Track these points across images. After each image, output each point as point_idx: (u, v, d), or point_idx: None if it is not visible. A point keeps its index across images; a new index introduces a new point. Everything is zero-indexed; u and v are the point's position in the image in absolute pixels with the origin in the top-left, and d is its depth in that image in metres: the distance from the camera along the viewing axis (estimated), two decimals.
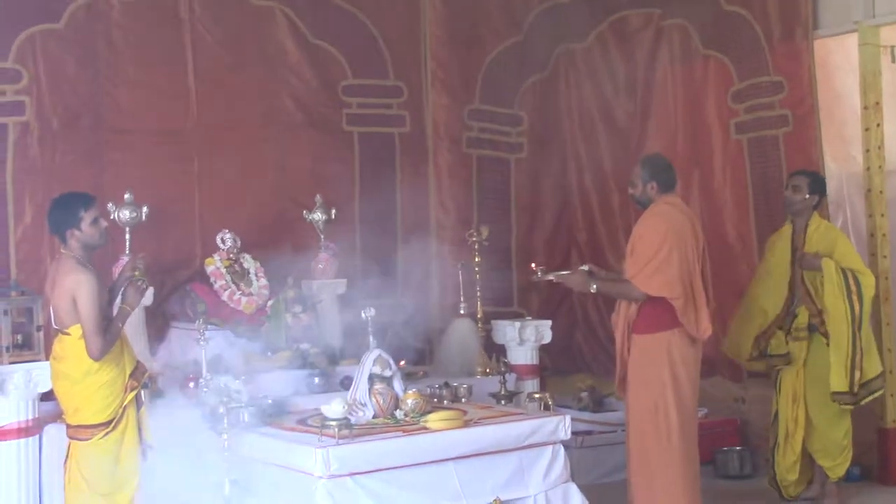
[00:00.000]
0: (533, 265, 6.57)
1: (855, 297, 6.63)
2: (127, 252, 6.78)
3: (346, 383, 6.50)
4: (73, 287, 5.14)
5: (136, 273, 5.52)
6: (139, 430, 5.38)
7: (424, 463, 5.41)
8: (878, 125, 7.56)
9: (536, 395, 6.34)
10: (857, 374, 6.64)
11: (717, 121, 8.68)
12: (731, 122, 8.53)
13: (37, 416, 5.86)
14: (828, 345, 6.70)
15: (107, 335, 5.16)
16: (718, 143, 8.68)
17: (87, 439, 5.20)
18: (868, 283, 6.71)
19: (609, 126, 9.50)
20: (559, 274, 6.43)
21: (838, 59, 7.98)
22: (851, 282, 6.64)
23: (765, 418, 7.88)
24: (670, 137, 9.00)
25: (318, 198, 7.67)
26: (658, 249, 5.93)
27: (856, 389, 6.64)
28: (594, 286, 6.16)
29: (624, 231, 9.06)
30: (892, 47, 7.63)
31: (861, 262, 6.91)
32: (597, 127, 9.53)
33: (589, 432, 7.74)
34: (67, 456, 5.28)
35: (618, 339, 6.15)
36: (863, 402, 6.75)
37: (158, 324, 7.07)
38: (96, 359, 5.13)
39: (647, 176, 6.16)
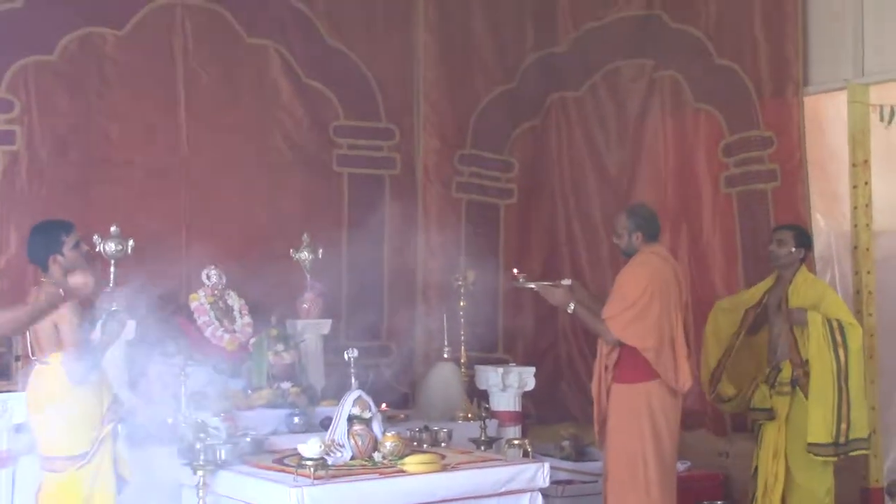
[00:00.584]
0: (515, 271, 6.56)
1: (841, 349, 6.61)
2: (111, 285, 6.74)
3: (326, 423, 6.44)
4: (56, 313, 5.10)
5: (115, 307, 5.50)
6: (115, 464, 5.31)
7: None
8: (867, 183, 7.58)
9: (516, 442, 6.31)
10: (844, 426, 6.58)
11: (707, 173, 8.70)
12: (722, 176, 8.55)
13: (12, 447, 5.79)
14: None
15: (87, 362, 5.13)
16: (708, 195, 8.69)
17: (60, 471, 5.13)
18: (855, 334, 6.68)
19: (599, 175, 9.53)
20: (541, 284, 6.43)
21: (830, 115, 8.02)
22: (837, 333, 6.62)
23: (748, 473, 7.84)
24: (660, 188, 9.02)
25: (305, 237, 7.65)
26: (638, 298, 5.94)
27: (842, 440, 6.57)
28: (572, 306, 6.15)
29: (612, 280, 9.00)
30: (882, 106, 7.68)
31: (850, 314, 6.88)
32: (587, 176, 9.55)
33: (570, 481, 7.68)
34: (40, 489, 5.22)
35: (595, 386, 6.13)
36: (843, 456, 6.67)
37: (140, 358, 7.01)
38: (76, 384, 5.10)
39: (633, 226, 6.19)
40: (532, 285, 6.42)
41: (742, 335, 6.94)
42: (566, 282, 6.30)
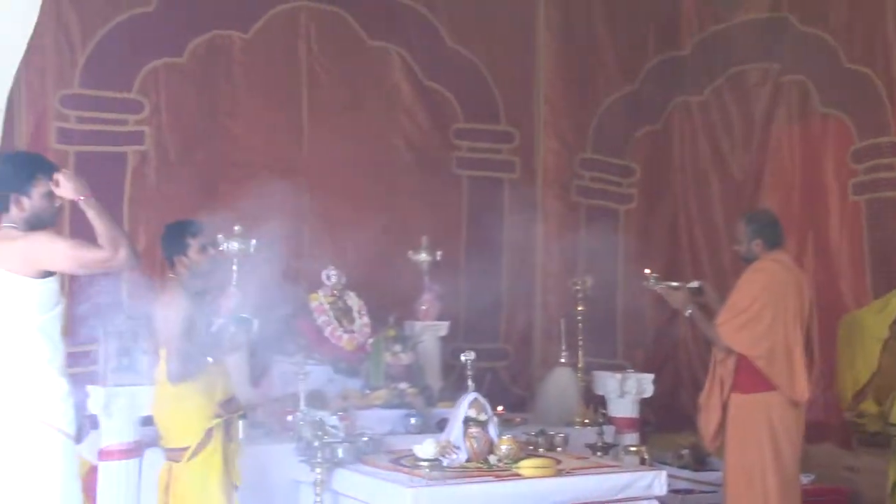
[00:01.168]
0: (647, 271, 6.47)
1: None
2: (234, 283, 6.84)
3: (442, 425, 6.46)
4: (166, 307, 5.22)
5: (244, 314, 5.56)
6: (227, 465, 5.32)
7: None
8: None
9: (633, 449, 6.24)
10: None
11: (834, 180, 8.47)
12: (850, 183, 8.31)
13: (138, 438, 5.94)
14: None
15: (189, 363, 5.15)
16: (835, 203, 8.45)
17: (177, 461, 5.25)
18: None
19: (723, 181, 9.35)
20: (668, 285, 6.34)
21: None
22: None
23: (877, 490, 7.60)
24: (786, 195, 8.81)
25: (424, 239, 7.68)
26: (749, 305, 5.84)
27: None
28: (689, 311, 6.07)
29: (734, 286, 8.88)
30: None
31: None
32: (710, 181, 9.39)
33: (690, 491, 7.55)
34: (168, 481, 5.31)
35: (705, 395, 6.01)
36: None
37: (261, 356, 7.13)
38: (172, 382, 5.16)
39: (752, 233, 6.07)
40: (660, 286, 6.33)
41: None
42: (695, 284, 6.21)
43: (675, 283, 6.38)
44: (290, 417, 6.46)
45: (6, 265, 4.32)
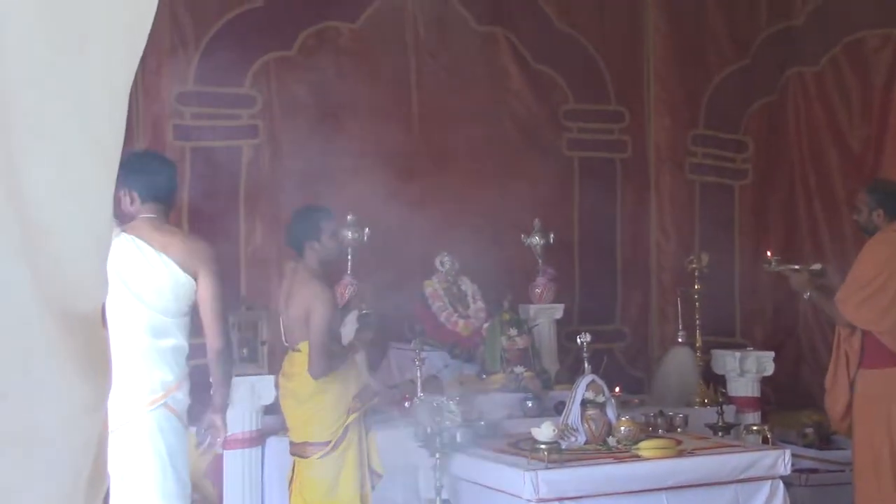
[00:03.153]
0: (769, 253, 6.35)
1: None
2: (349, 272, 6.93)
3: (559, 408, 6.45)
4: (311, 298, 5.12)
5: (366, 310, 5.54)
6: (367, 456, 5.34)
7: (635, 491, 5.32)
8: None
9: (755, 428, 6.14)
10: None
11: None
12: None
13: (260, 427, 6.06)
14: None
15: (333, 359, 5.12)
16: None
17: (306, 457, 5.22)
18: None
19: (841, 152, 9.13)
20: (788, 268, 6.21)
21: None
22: None
23: None
24: None
25: (536, 222, 7.65)
26: (874, 278, 5.67)
27: None
28: (809, 293, 5.93)
29: (854, 259, 8.67)
30: None
31: None
32: (828, 153, 9.17)
33: (814, 470, 7.39)
34: (293, 475, 5.34)
35: (830, 372, 5.88)
36: None
37: (377, 343, 7.19)
38: (315, 377, 5.09)
39: (874, 203, 5.89)
40: (781, 268, 6.22)
41: None
42: (817, 266, 6.07)
43: (795, 266, 6.25)
44: (407, 403, 6.53)
45: (175, 256, 4.50)
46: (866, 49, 8.94)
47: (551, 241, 7.67)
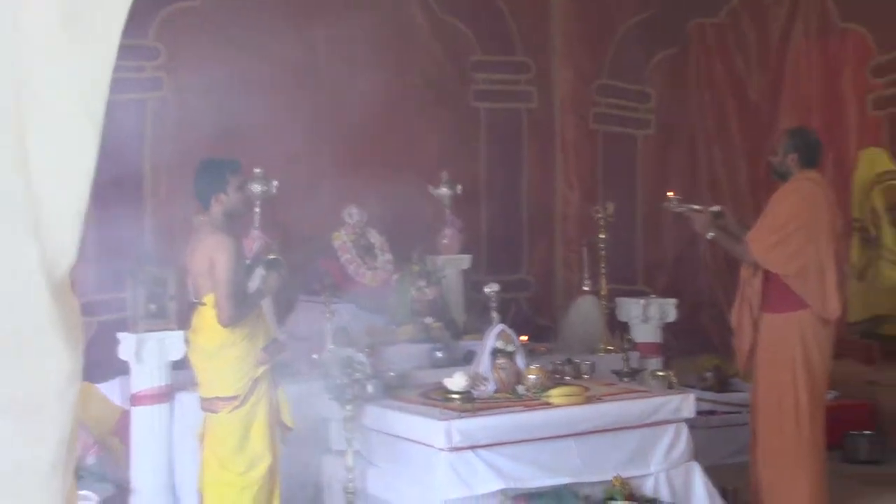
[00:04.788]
0: (670, 193, 6.47)
1: None
2: (256, 226, 6.88)
3: (468, 358, 6.54)
4: (213, 249, 5.06)
5: (273, 256, 5.44)
6: (276, 411, 5.32)
7: (546, 438, 5.42)
8: None
9: (660, 373, 6.29)
10: None
11: (853, 96, 8.47)
12: (869, 97, 8.29)
13: (169, 383, 6.01)
14: None
15: (241, 307, 5.07)
16: (854, 118, 8.46)
17: (216, 412, 5.17)
18: None
19: (740, 102, 9.34)
20: (690, 208, 6.33)
21: None
22: None
23: None
24: (804, 113, 8.80)
25: (444, 173, 7.68)
26: (784, 225, 5.81)
27: None
28: (711, 234, 6.07)
29: (752, 205, 8.88)
30: None
31: None
32: (727, 103, 9.37)
33: (713, 412, 7.63)
34: (203, 431, 5.29)
35: (735, 315, 6.04)
36: None
37: (284, 296, 7.16)
38: (225, 325, 5.03)
39: (791, 146, 6.02)
40: (681, 209, 6.33)
41: None
42: (716, 208, 6.19)
43: (696, 207, 6.37)
44: (316, 356, 6.54)
45: None
46: (764, 1, 9.11)
47: (458, 192, 7.71)
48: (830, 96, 8.65)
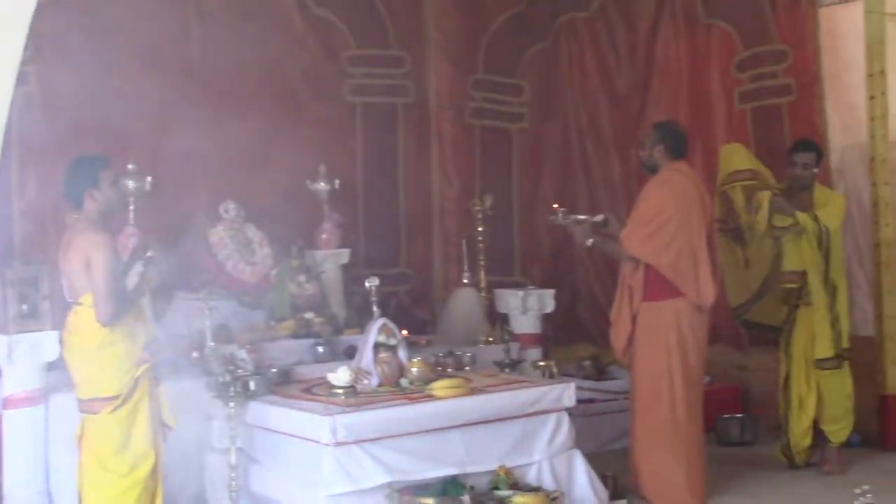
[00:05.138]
0: (556, 206, 6.56)
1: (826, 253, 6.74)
2: (131, 223, 6.75)
3: (349, 352, 6.54)
4: (88, 248, 4.96)
5: (151, 252, 5.33)
6: (158, 409, 5.23)
7: (430, 430, 5.47)
8: (883, 93, 7.54)
9: (541, 364, 6.37)
10: (839, 338, 6.79)
11: (720, 90, 8.68)
12: (735, 92, 8.53)
13: (43, 385, 5.85)
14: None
15: (119, 305, 4.97)
16: (722, 112, 8.68)
17: (96, 413, 5.06)
18: (839, 240, 6.83)
19: (610, 95, 9.51)
20: (574, 219, 6.45)
21: (845, 27, 7.94)
22: (824, 236, 6.72)
23: (765, 386, 7.93)
24: (672, 107, 9.00)
25: (321, 168, 7.63)
26: (655, 216, 5.96)
27: (840, 351, 6.79)
28: (590, 241, 6.18)
29: (625, 198, 9.07)
30: None
31: (840, 223, 6.91)
32: (598, 96, 9.53)
33: (591, 400, 7.78)
34: (82, 433, 5.16)
35: (616, 307, 6.17)
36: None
37: (162, 294, 7.03)
38: (105, 324, 4.94)
39: (657, 137, 6.19)
40: (568, 221, 6.44)
41: None
42: (599, 217, 6.31)
43: (581, 217, 6.49)
44: (196, 353, 6.45)
45: None
46: None
47: (336, 186, 7.67)
48: (698, 90, 8.86)
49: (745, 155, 7.15)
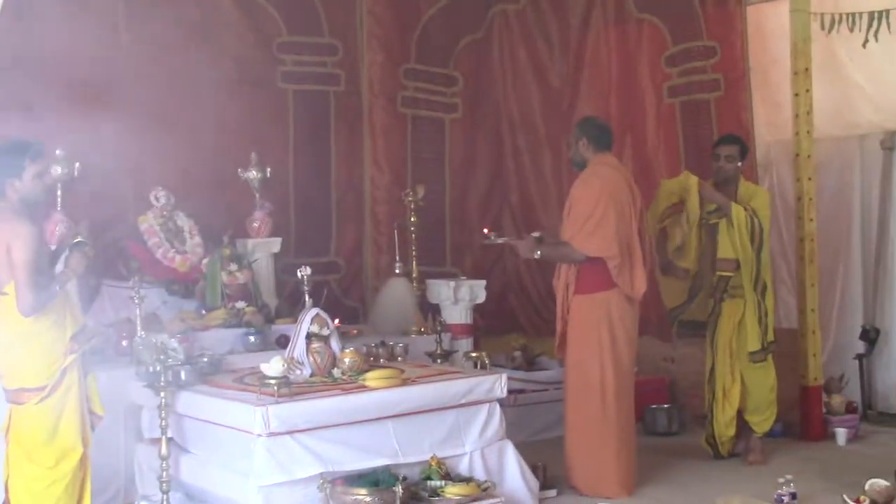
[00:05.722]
0: (486, 230, 6.64)
1: (758, 247, 6.83)
2: (59, 209, 6.64)
3: (281, 342, 6.51)
4: (10, 236, 4.83)
5: (79, 238, 5.21)
6: (87, 399, 5.14)
7: (363, 421, 5.46)
8: (808, 91, 7.68)
9: (473, 355, 6.40)
10: (765, 331, 6.89)
11: (650, 84, 8.79)
12: (665, 86, 8.64)
13: None
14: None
15: (42, 292, 4.86)
16: (651, 106, 8.78)
17: (23, 403, 4.97)
18: (766, 236, 6.91)
19: (542, 88, 9.56)
20: (508, 240, 6.53)
21: (772, 24, 8.10)
22: (757, 231, 6.82)
23: (691, 377, 8.06)
24: (603, 100, 9.09)
25: (253, 156, 7.56)
26: (594, 209, 6.01)
27: (765, 344, 6.89)
28: (538, 253, 6.22)
29: (556, 192, 9.16)
30: (823, 14, 7.77)
31: (768, 217, 7.00)
32: (530, 88, 9.58)
33: (522, 391, 7.83)
34: (9, 423, 5.06)
35: (559, 301, 6.22)
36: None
37: (90, 282, 6.94)
38: (26, 315, 4.83)
39: (580, 132, 6.27)
40: (502, 241, 6.50)
41: None
42: (535, 234, 6.36)
43: (511, 239, 6.58)
44: (126, 342, 6.39)
45: None
46: None
47: (268, 175, 7.60)
48: (628, 84, 8.95)
49: (673, 186, 7.19)
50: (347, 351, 5.96)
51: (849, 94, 7.96)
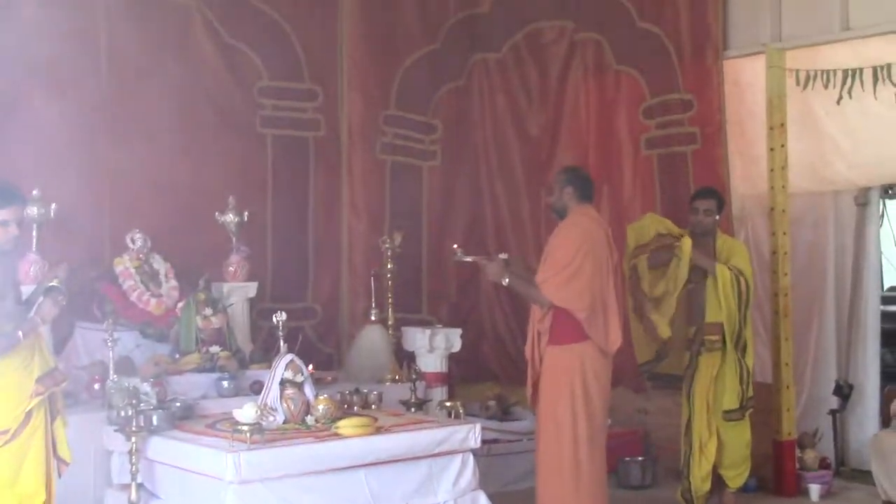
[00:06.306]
0: (455, 246, 6.58)
1: (744, 305, 6.84)
2: (34, 250, 6.60)
3: (255, 387, 6.46)
4: None
5: (56, 282, 5.05)
6: (53, 444, 5.01)
7: (335, 469, 5.42)
8: (783, 146, 7.76)
9: (447, 404, 6.37)
10: (745, 389, 6.88)
11: (628, 135, 8.85)
12: (643, 138, 8.70)
13: None
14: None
15: (2, 339, 4.73)
16: (629, 157, 8.84)
17: None
18: (752, 292, 6.92)
19: (521, 137, 9.62)
20: (475, 258, 6.47)
21: (749, 79, 8.19)
22: (743, 287, 6.84)
23: (665, 430, 8.05)
24: (581, 150, 9.15)
25: (230, 199, 7.54)
26: (570, 260, 5.99)
27: (744, 402, 6.88)
28: (507, 279, 6.17)
29: (534, 240, 9.18)
30: (798, 70, 7.86)
31: (750, 272, 7.02)
32: (509, 137, 9.63)
33: (496, 441, 7.80)
34: None
35: (528, 349, 6.20)
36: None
37: (62, 324, 6.87)
38: None
39: (564, 180, 6.26)
40: (469, 259, 6.48)
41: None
42: (503, 256, 6.33)
43: (483, 258, 6.53)
44: (97, 386, 6.33)
45: None
46: (544, 39, 9.45)
47: (245, 218, 7.58)
48: (607, 135, 9.01)
49: (649, 223, 7.22)
50: (321, 398, 5.92)
51: (824, 150, 8.03)
